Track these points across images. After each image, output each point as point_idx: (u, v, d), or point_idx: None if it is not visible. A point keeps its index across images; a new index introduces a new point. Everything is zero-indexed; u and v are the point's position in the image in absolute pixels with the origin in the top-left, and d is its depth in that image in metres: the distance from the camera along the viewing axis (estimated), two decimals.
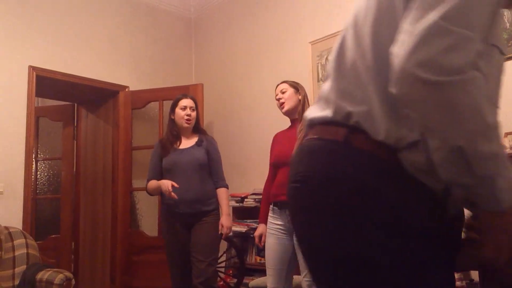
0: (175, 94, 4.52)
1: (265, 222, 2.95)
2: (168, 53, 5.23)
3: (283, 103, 2.92)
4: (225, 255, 4.11)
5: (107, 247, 4.75)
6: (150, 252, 4.48)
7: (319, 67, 3.94)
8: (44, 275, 3.34)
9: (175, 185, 3.07)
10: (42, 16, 4.30)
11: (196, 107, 3.42)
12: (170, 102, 4.58)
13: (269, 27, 4.57)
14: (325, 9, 4.04)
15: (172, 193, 3.05)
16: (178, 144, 3.34)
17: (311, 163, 1.01)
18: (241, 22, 4.91)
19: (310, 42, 4.06)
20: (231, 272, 4.17)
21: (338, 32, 3.81)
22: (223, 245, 4.04)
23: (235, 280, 3.98)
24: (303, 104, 2.93)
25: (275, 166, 2.95)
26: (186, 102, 3.38)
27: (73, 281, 3.41)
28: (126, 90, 4.79)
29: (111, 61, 4.75)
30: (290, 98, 2.93)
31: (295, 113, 2.93)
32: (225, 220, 3.23)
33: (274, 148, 3.04)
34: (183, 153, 3.29)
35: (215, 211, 3.29)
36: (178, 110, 3.36)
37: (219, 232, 3.22)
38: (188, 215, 3.21)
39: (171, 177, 3.21)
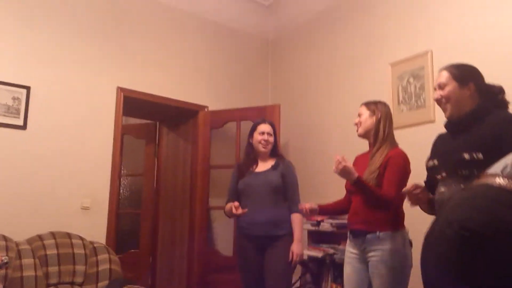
0: (252, 115, 4.59)
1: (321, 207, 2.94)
2: (245, 73, 5.32)
3: (358, 128, 2.88)
4: (300, 280, 4.06)
5: (184, 263, 4.85)
6: (224, 271, 4.51)
7: (400, 89, 3.82)
8: None
9: (236, 204, 3.14)
10: (130, 40, 4.52)
11: (274, 132, 3.46)
12: (247, 122, 4.67)
13: (348, 47, 4.50)
14: (407, 31, 3.91)
15: (238, 209, 3.11)
16: (254, 167, 3.40)
17: (497, 214, 0.88)
18: (319, 42, 4.89)
19: (390, 64, 3.95)
20: None
21: (419, 54, 3.69)
22: (298, 269, 3.99)
23: None
24: (377, 125, 2.81)
25: (349, 192, 2.89)
26: (264, 127, 3.42)
27: None
28: (206, 110, 4.91)
29: (192, 82, 4.90)
30: (364, 121, 2.85)
31: (370, 136, 2.85)
32: (296, 246, 3.21)
33: None
34: (258, 176, 3.34)
35: (288, 236, 3.24)
36: (256, 135, 3.42)
37: (289, 259, 3.18)
38: (260, 238, 3.22)
39: (245, 199, 3.28)
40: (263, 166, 3.40)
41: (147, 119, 5.44)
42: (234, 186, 3.45)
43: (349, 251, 2.80)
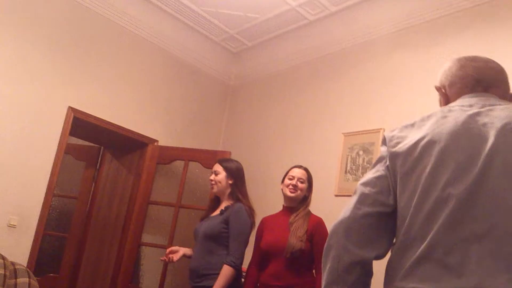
0: (202, 157, 4.61)
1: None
2: (201, 115, 5.35)
3: (296, 191, 3.00)
4: None
5: None
6: None
7: (349, 159, 3.98)
8: None
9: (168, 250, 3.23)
10: (88, 61, 4.44)
11: (231, 172, 3.27)
12: (195, 163, 4.68)
13: (304, 110, 4.66)
14: (362, 105, 4.13)
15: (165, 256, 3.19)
16: (213, 211, 3.26)
17: None
18: (278, 99, 5.03)
19: (343, 133, 4.12)
20: None
21: (371, 130, 3.88)
22: None
23: None
24: (307, 191, 3.07)
25: (267, 254, 2.95)
26: (214, 166, 3.32)
27: None
28: (155, 144, 4.86)
29: (146, 113, 4.86)
30: (303, 190, 3.03)
31: (296, 203, 3.01)
32: None
33: (265, 233, 3.05)
34: (207, 221, 3.18)
35: None
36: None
37: None
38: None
39: (194, 245, 3.19)
40: (218, 210, 3.21)
41: (91, 141, 5.29)
42: None
43: None
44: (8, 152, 3.89)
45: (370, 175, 1.36)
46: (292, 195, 3.00)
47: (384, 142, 1.39)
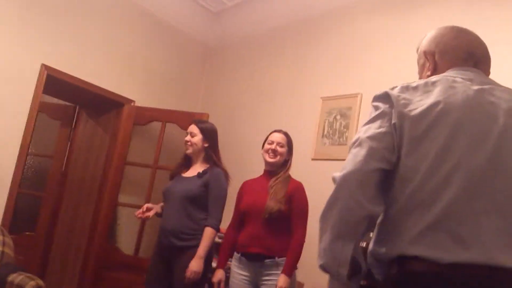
0: (179, 118, 4.58)
1: (224, 267, 3.03)
2: (179, 75, 5.27)
3: (276, 156, 3.02)
4: None
5: (80, 255, 4.68)
6: (122, 270, 4.42)
7: (326, 123, 4.00)
8: (16, 278, 3.28)
9: (144, 207, 3.23)
10: (63, 17, 4.31)
11: (208, 136, 3.27)
12: (173, 124, 4.65)
13: (283, 73, 4.64)
14: (340, 69, 4.11)
15: (140, 213, 3.20)
16: (185, 171, 3.27)
17: None
18: (257, 62, 4.98)
19: (321, 97, 4.12)
20: None
21: (349, 94, 3.89)
22: None
23: None
24: (288, 155, 3.08)
25: (246, 215, 3.00)
26: (189, 128, 3.31)
27: None
28: (132, 104, 4.80)
29: (122, 73, 4.76)
30: (282, 154, 3.05)
31: (276, 167, 3.04)
32: (193, 263, 2.92)
33: (244, 196, 3.10)
34: (181, 181, 3.19)
35: (194, 249, 2.98)
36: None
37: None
38: (166, 248, 3.07)
39: (165, 204, 3.20)
40: (192, 171, 3.21)
41: (67, 100, 5.19)
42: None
43: (238, 273, 2.92)
44: None
45: (373, 129, 1.32)
46: (272, 160, 3.03)
47: (386, 99, 1.34)
